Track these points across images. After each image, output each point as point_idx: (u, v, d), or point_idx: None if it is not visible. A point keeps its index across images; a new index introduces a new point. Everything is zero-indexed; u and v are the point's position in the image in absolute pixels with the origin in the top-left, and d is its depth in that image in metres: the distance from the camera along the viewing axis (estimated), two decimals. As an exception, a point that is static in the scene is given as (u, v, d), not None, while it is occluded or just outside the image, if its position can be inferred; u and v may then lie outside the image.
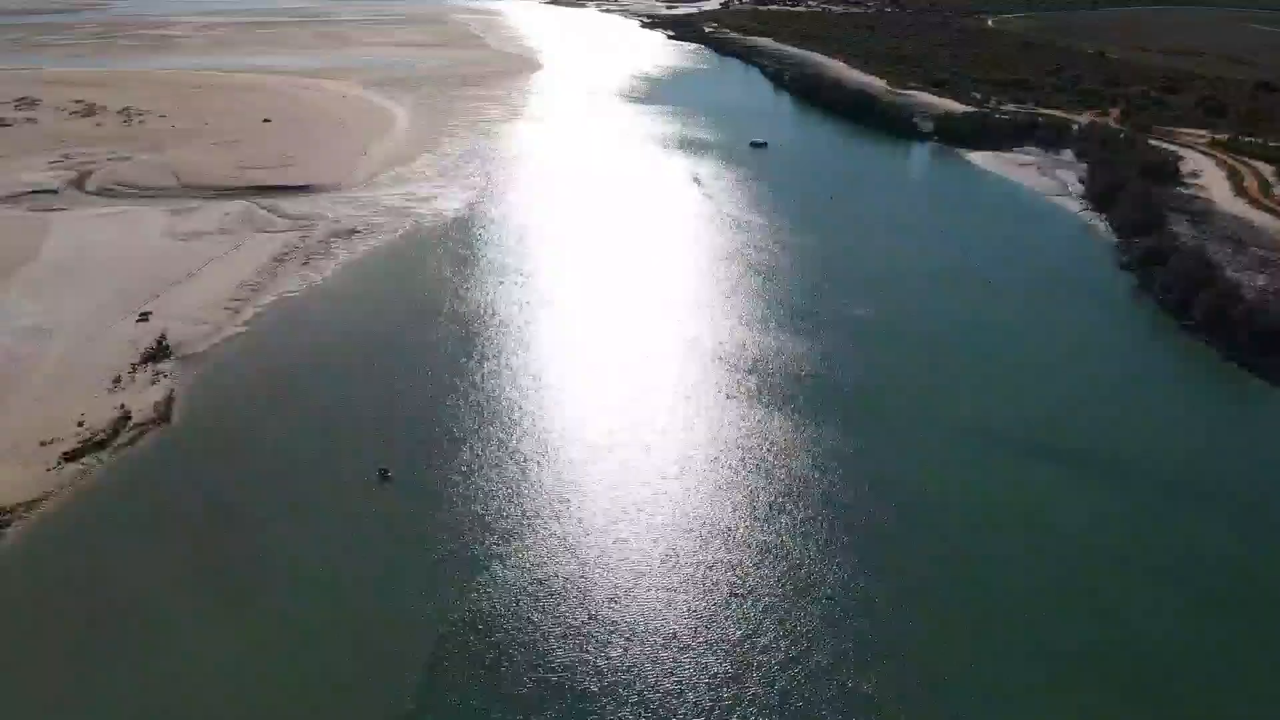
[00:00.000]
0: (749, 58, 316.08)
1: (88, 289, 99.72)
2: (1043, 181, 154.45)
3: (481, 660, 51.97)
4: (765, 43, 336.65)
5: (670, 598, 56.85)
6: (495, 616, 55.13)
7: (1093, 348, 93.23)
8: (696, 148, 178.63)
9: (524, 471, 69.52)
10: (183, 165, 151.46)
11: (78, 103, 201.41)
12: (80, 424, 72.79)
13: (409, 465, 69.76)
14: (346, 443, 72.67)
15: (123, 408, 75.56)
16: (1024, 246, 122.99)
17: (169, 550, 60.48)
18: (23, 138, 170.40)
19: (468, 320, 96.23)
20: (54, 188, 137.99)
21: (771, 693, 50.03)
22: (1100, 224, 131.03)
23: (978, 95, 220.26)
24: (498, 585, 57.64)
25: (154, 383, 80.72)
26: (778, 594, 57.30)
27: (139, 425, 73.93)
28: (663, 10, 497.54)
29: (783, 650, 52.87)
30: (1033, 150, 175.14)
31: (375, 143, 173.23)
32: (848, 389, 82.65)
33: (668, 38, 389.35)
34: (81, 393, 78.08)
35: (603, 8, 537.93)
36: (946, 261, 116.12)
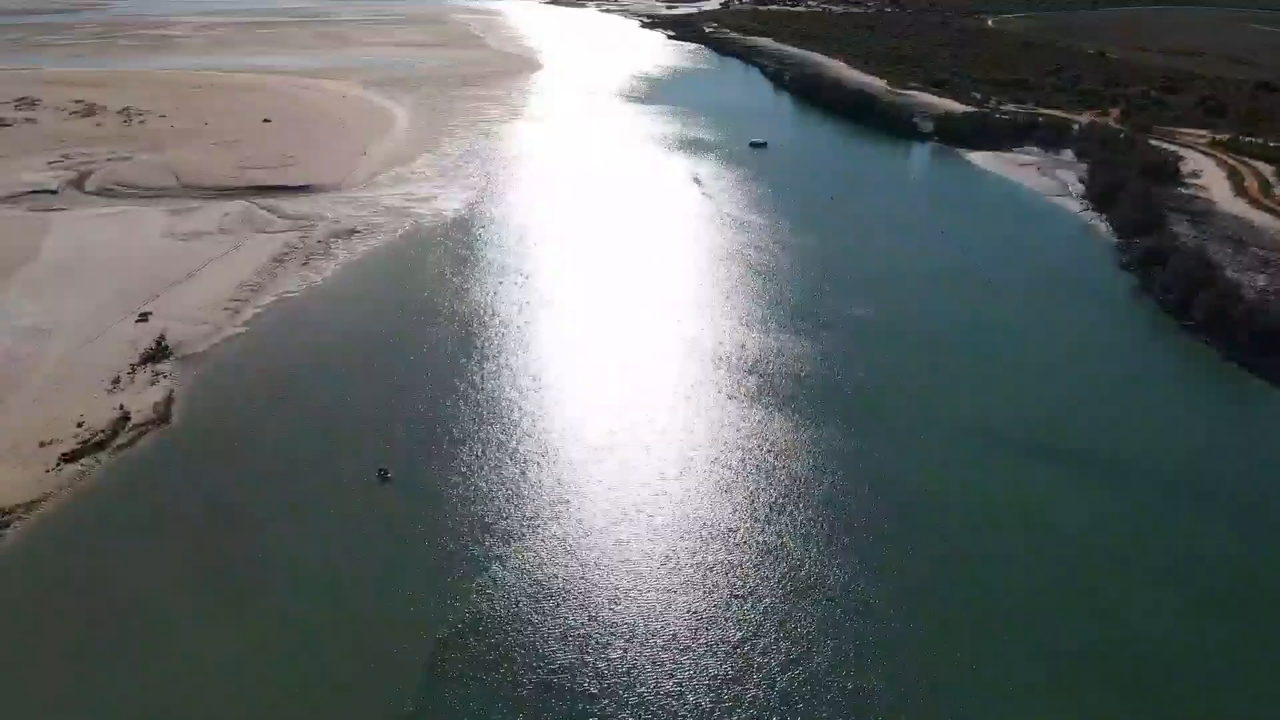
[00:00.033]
0: (749, 58, 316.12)
1: (87, 289, 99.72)
2: (1043, 181, 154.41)
3: (481, 661, 51.97)
4: (765, 43, 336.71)
5: (670, 599, 56.85)
6: (495, 617, 55.12)
7: (1093, 348, 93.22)
8: (696, 148, 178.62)
9: (524, 472, 69.52)
10: (182, 165, 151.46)
11: (78, 103, 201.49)
12: (79, 425, 72.80)
13: (409, 466, 69.74)
14: (346, 443, 72.67)
15: (122, 408, 75.57)
16: (1024, 246, 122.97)
17: (168, 551, 60.48)
18: (22, 138, 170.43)
19: (467, 320, 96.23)
20: (54, 188, 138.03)
21: (772, 694, 50.03)
22: (1100, 224, 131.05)
23: (978, 95, 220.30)
24: (497, 586, 57.65)
25: (153, 383, 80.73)
26: (778, 595, 57.29)
27: (138, 426, 73.94)
28: (663, 10, 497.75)
29: (783, 651, 52.85)
30: (1033, 150, 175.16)
31: (375, 143, 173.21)
32: (848, 389, 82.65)
33: (668, 38, 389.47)
34: (81, 393, 78.09)
35: (603, 8, 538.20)
36: (946, 261, 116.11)
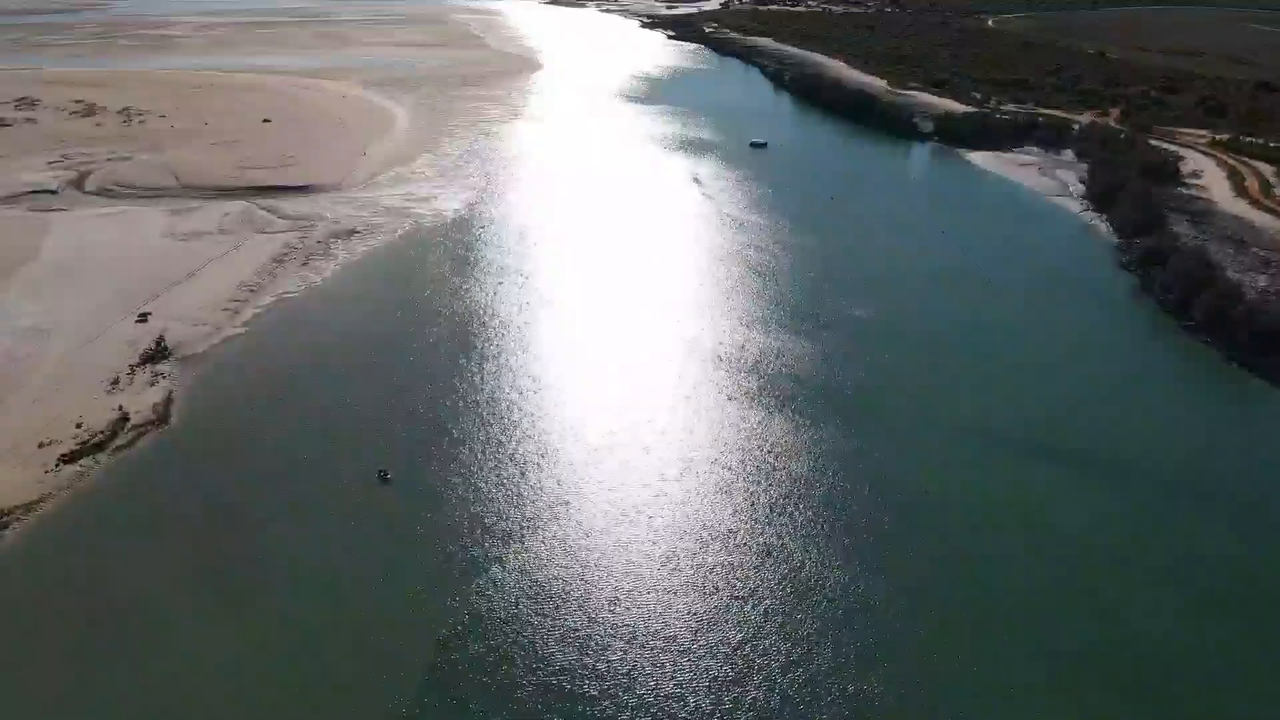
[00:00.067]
0: (749, 58, 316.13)
1: (87, 289, 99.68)
2: (1043, 181, 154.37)
3: (481, 662, 51.91)
4: (765, 43, 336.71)
5: (670, 600, 56.80)
6: (495, 618, 55.07)
7: (1093, 348, 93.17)
8: (696, 148, 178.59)
9: (523, 473, 69.47)
10: (182, 165, 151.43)
11: (77, 103, 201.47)
12: (79, 426, 72.72)
13: (408, 467, 69.68)
14: (346, 444, 72.61)
15: (121, 409, 75.48)
16: (1024, 246, 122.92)
17: (168, 551, 60.42)
18: (22, 138, 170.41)
19: (467, 321, 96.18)
20: (53, 188, 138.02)
21: (772, 695, 49.99)
22: (1101, 224, 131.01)
23: (978, 95, 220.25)
24: (497, 587, 57.61)
25: (152, 384, 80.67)
26: (778, 596, 57.25)
27: (137, 427, 73.87)
28: (663, 10, 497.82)
29: (783, 652, 52.81)
30: (1033, 150, 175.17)
31: (375, 143, 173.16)
32: (848, 389, 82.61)
33: (668, 38, 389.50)
34: (80, 394, 78.03)
35: (603, 8, 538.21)
36: (946, 261, 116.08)
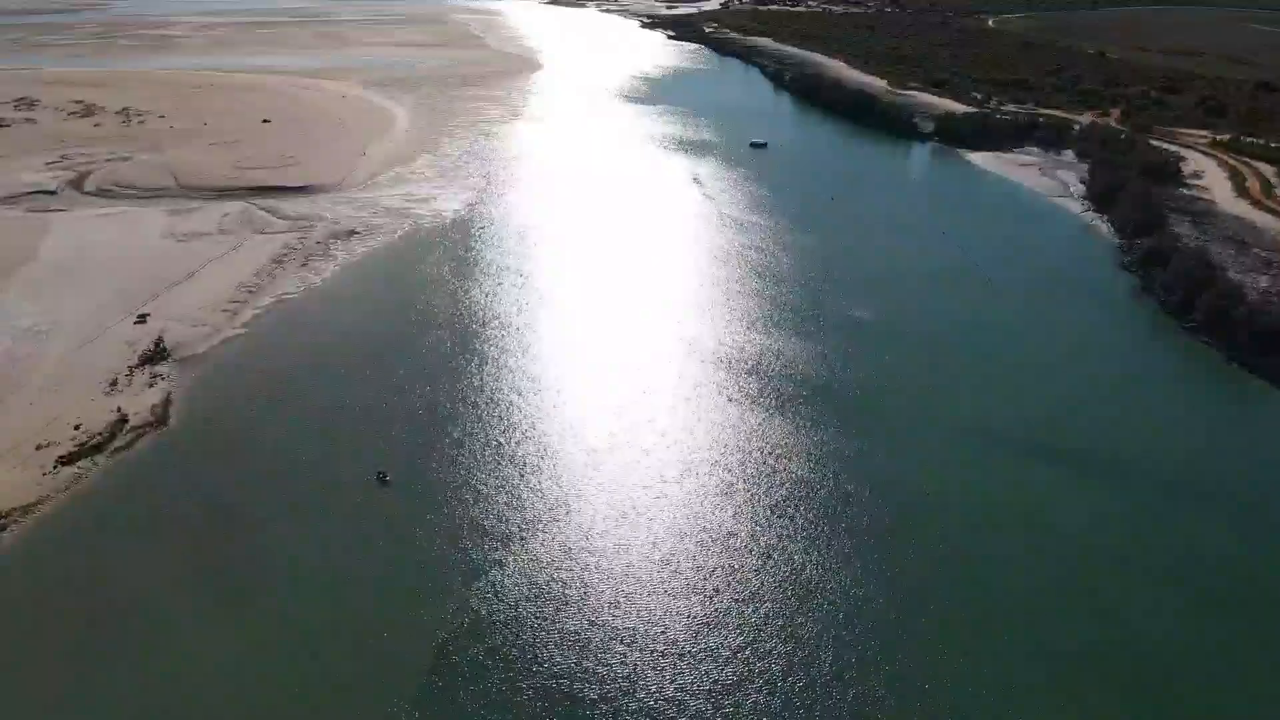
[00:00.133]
0: (749, 58, 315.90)
1: (86, 290, 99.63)
2: (1043, 182, 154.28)
3: (481, 664, 51.86)
4: (765, 43, 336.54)
5: (670, 603, 56.73)
6: (495, 620, 55.00)
7: (1093, 348, 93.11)
8: (696, 148, 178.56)
9: (523, 475, 69.39)
10: (182, 166, 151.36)
11: (77, 103, 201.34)
12: (77, 427, 72.60)
13: (408, 468, 69.59)
14: (345, 445, 72.52)
15: (120, 410, 75.37)
16: (1024, 247, 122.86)
17: (167, 552, 60.34)
18: (22, 138, 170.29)
19: (467, 322, 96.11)
20: (52, 188, 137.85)
21: (773, 697, 49.93)
22: (1101, 224, 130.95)
23: (978, 95, 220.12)
24: (497, 589, 57.55)
25: (151, 385, 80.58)
26: (778, 597, 57.18)
27: (136, 428, 73.76)
28: (663, 10, 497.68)
29: (783, 654, 52.74)
30: (1033, 151, 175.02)
31: (375, 143, 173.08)
32: (848, 389, 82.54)
33: (668, 38, 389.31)
34: (79, 395, 77.95)
35: (603, 8, 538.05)
36: (947, 262, 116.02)
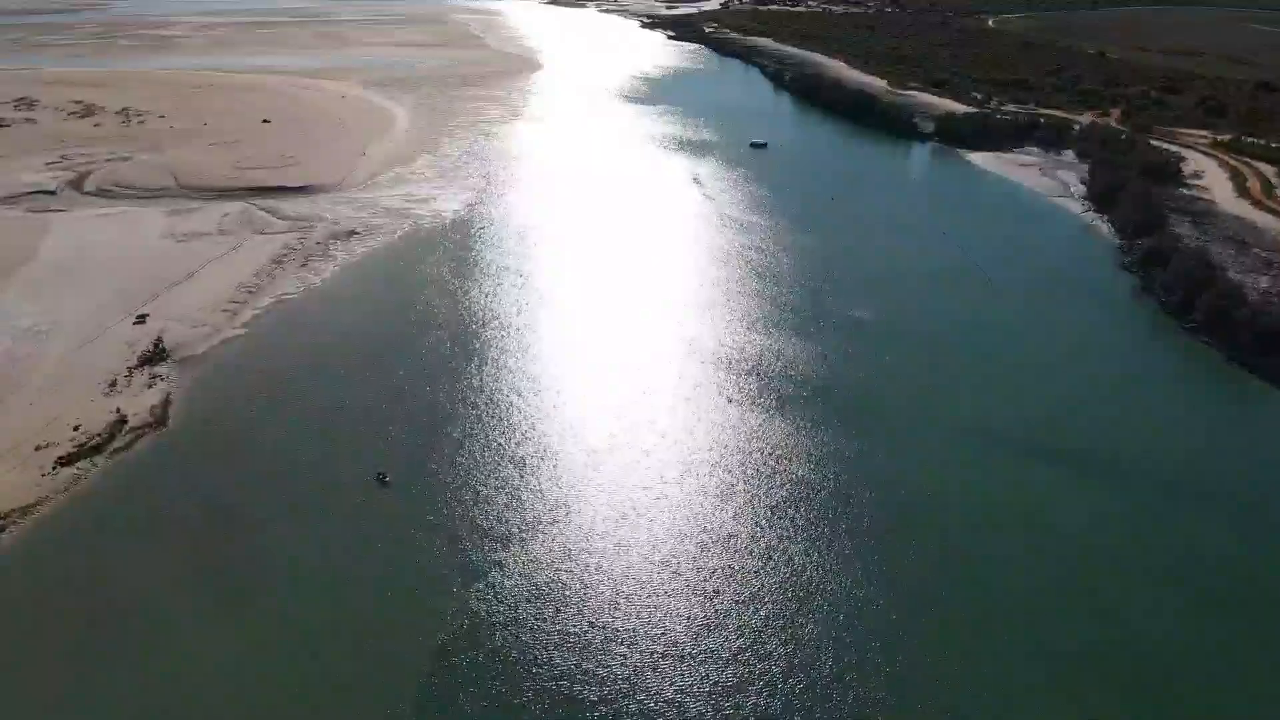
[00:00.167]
0: (749, 58, 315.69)
1: (86, 290, 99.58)
2: (1043, 182, 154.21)
3: (481, 664, 51.82)
4: (765, 43, 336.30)
5: (671, 604, 56.69)
6: (494, 621, 54.97)
7: (1093, 348, 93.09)
8: (696, 148, 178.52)
9: (523, 476, 69.36)
10: (181, 166, 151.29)
11: (77, 103, 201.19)
12: (76, 428, 72.49)
13: (407, 469, 69.54)
14: (345, 446, 72.48)
15: (119, 411, 75.28)
16: (1025, 247, 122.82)
17: (166, 553, 60.31)
18: (21, 138, 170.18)
19: (466, 322, 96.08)
20: (52, 188, 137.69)
21: (774, 699, 49.90)
22: (1101, 225, 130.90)
23: (978, 95, 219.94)
24: (497, 590, 57.51)
25: (150, 386, 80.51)
26: (778, 598, 57.15)
27: (135, 429, 73.66)
28: (663, 10, 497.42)
29: (784, 655, 52.70)
30: (1033, 151, 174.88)
31: (374, 143, 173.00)
32: (848, 389, 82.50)
33: (668, 38, 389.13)
34: (78, 396, 77.89)
35: (602, 8, 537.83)
36: (947, 262, 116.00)
